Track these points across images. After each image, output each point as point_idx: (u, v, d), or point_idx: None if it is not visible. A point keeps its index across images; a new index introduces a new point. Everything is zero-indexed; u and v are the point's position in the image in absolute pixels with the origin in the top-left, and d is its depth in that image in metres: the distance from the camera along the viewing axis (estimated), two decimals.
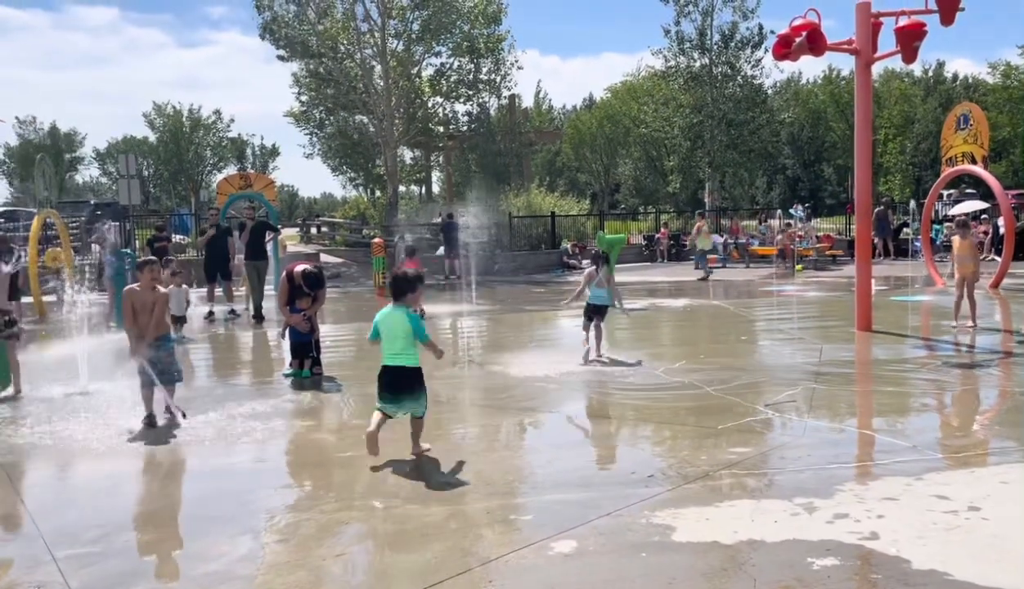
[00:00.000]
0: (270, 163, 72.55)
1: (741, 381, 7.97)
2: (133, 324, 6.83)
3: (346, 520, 4.53)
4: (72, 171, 72.11)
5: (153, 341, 6.82)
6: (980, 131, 17.93)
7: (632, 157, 61.12)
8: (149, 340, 6.82)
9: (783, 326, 12.15)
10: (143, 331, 6.80)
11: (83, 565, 4.03)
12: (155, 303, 6.93)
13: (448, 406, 7.61)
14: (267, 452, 6.16)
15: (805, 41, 9.95)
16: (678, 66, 35.73)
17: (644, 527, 4.29)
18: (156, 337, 6.86)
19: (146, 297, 6.91)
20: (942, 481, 4.87)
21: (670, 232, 28.94)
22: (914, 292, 15.81)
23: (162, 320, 7.02)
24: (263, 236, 14.66)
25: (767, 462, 5.39)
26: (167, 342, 7.01)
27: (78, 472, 5.74)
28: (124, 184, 24.17)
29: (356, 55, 29.45)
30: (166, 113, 65.29)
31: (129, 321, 6.86)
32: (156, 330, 6.89)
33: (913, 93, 57.13)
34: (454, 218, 24.99)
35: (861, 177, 11.06)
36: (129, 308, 6.86)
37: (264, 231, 14.81)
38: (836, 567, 3.75)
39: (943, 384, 7.84)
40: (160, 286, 7.06)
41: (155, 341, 6.84)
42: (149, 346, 6.78)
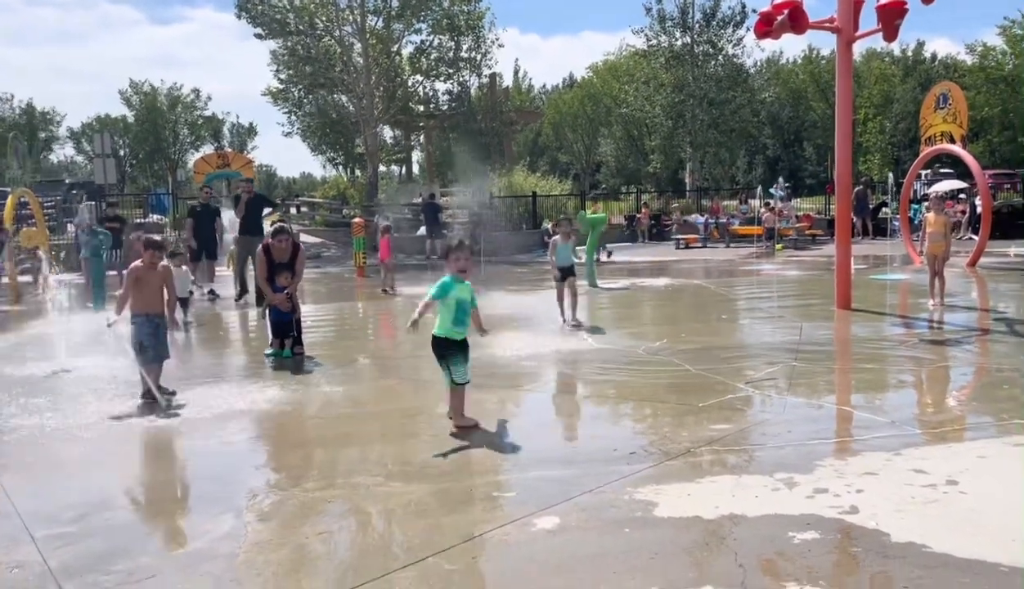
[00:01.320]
0: (248, 142, 71.74)
1: (722, 359, 8.01)
2: (130, 298, 6.78)
3: (328, 499, 4.51)
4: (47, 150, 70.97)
5: (151, 318, 6.80)
6: (959, 111, 18.04)
7: (613, 137, 61.01)
8: (171, 315, 6.95)
9: (763, 305, 12.22)
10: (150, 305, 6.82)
11: (62, 544, 3.99)
12: (163, 281, 6.94)
13: (430, 385, 7.60)
14: (248, 432, 6.13)
15: (787, 19, 9.94)
16: (659, 45, 35.67)
17: (626, 503, 4.31)
18: (157, 314, 6.85)
19: (153, 280, 6.88)
20: (920, 456, 4.93)
21: (651, 212, 28.99)
22: (893, 271, 15.96)
23: (173, 298, 7.09)
24: (260, 211, 14.06)
25: (748, 439, 5.43)
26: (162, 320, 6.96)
27: (57, 451, 5.68)
28: (100, 163, 23.85)
29: (335, 32, 29.11)
30: (143, 91, 64.25)
31: (125, 299, 6.80)
32: (171, 307, 6.96)
33: (893, 73, 57.34)
34: (435, 198, 24.89)
35: (841, 156, 11.10)
36: (133, 283, 6.80)
37: (262, 205, 14.21)
38: (816, 541, 3.79)
39: (921, 361, 7.93)
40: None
41: (153, 317, 6.81)
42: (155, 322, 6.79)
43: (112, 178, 24.34)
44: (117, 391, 7.28)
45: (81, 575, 3.65)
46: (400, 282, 16.46)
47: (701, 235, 25.72)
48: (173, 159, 65.64)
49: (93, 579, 3.61)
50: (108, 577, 3.62)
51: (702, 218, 27.31)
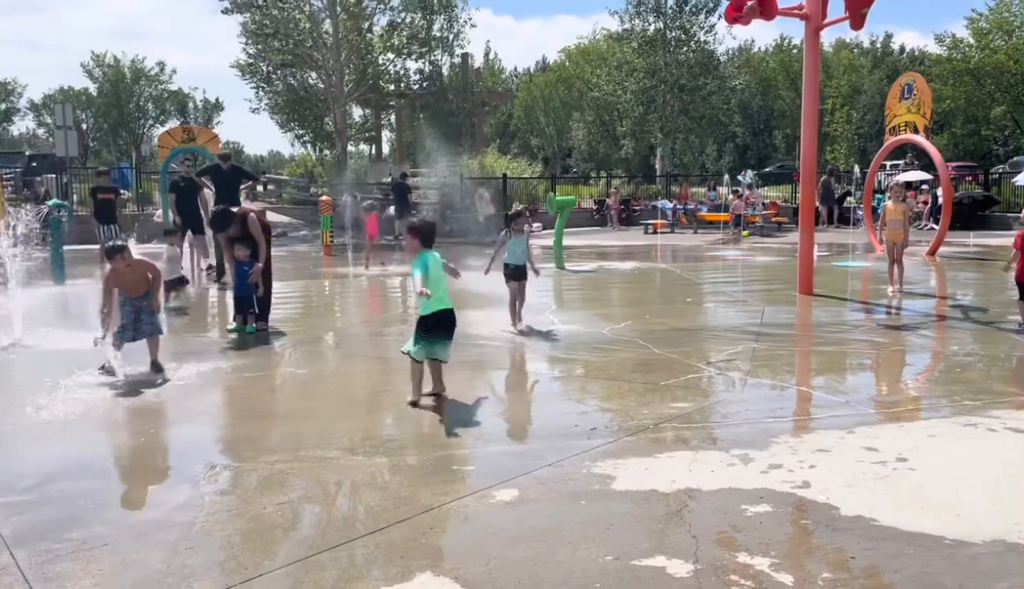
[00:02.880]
0: (214, 118, 70.59)
1: (685, 340, 8.10)
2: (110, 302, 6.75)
3: (289, 471, 4.51)
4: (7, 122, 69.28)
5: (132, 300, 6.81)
6: (923, 101, 18.33)
7: (585, 121, 61.04)
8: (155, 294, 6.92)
9: (728, 289, 12.36)
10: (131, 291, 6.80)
11: (15, 513, 3.95)
12: (151, 280, 6.91)
13: (396, 362, 7.59)
14: (209, 406, 6.09)
15: (756, 5, 10.00)
16: (633, 29, 35.70)
17: (584, 477, 4.36)
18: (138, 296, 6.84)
19: (134, 276, 6.82)
20: (873, 434, 5.05)
21: (621, 196, 29.08)
22: (855, 258, 16.20)
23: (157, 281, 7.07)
24: (238, 184, 13.66)
25: (707, 416, 5.52)
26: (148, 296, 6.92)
27: (13, 422, 5.59)
28: (61, 135, 23.34)
29: (304, 7, 28.69)
30: (106, 63, 62.86)
31: (109, 312, 6.75)
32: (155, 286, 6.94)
33: (861, 64, 58.02)
34: (405, 178, 24.72)
35: (807, 145, 11.23)
36: (112, 289, 6.75)
37: (239, 179, 13.83)
38: (768, 514, 3.87)
39: (878, 345, 8.08)
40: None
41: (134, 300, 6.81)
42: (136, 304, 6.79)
43: (74, 151, 23.85)
44: (75, 364, 7.17)
45: (34, 543, 3.62)
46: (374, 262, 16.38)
47: (669, 221, 25.87)
48: (137, 133, 64.45)
49: (46, 547, 3.58)
50: (61, 545, 3.59)
51: (671, 204, 27.47)
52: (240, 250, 8.56)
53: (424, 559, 3.47)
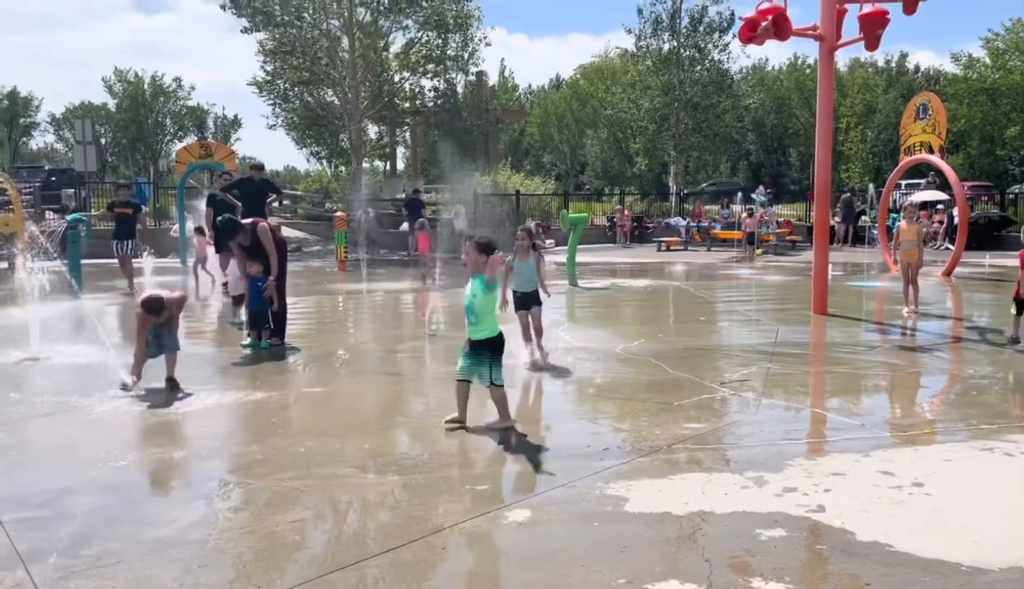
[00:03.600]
0: (232, 134, 71.18)
1: (699, 360, 8.07)
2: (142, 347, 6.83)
3: (302, 488, 4.52)
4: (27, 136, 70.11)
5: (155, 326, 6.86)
6: (938, 121, 18.24)
7: (599, 138, 61.16)
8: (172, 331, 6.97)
9: (741, 308, 12.32)
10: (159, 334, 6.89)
11: (31, 528, 3.97)
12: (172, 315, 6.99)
13: (409, 379, 7.62)
14: (224, 421, 6.11)
15: (771, 25, 10.02)
16: (648, 47, 35.83)
17: (597, 498, 4.35)
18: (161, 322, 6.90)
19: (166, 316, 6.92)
20: (888, 458, 5.00)
21: (634, 213, 29.10)
22: (870, 278, 16.12)
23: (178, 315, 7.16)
24: (265, 197, 13.26)
25: (720, 438, 5.49)
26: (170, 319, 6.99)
27: (29, 436, 5.64)
28: (80, 150, 23.63)
29: (322, 25, 28.97)
30: (126, 79, 63.60)
31: (141, 356, 6.82)
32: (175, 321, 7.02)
33: (876, 83, 57.90)
34: (419, 194, 24.85)
35: (821, 163, 11.21)
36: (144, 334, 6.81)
37: (267, 192, 13.42)
38: (783, 538, 3.84)
39: (894, 366, 8.02)
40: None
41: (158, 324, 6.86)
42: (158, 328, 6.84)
43: (92, 166, 24.15)
44: (90, 379, 7.23)
45: (48, 558, 3.64)
46: (381, 277, 16.47)
47: (682, 238, 25.86)
48: (155, 148, 65.04)
49: (61, 563, 3.59)
50: (76, 561, 3.61)
51: (684, 221, 27.46)
52: (253, 266, 8.59)
53: (436, 580, 3.47)
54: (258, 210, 12.61)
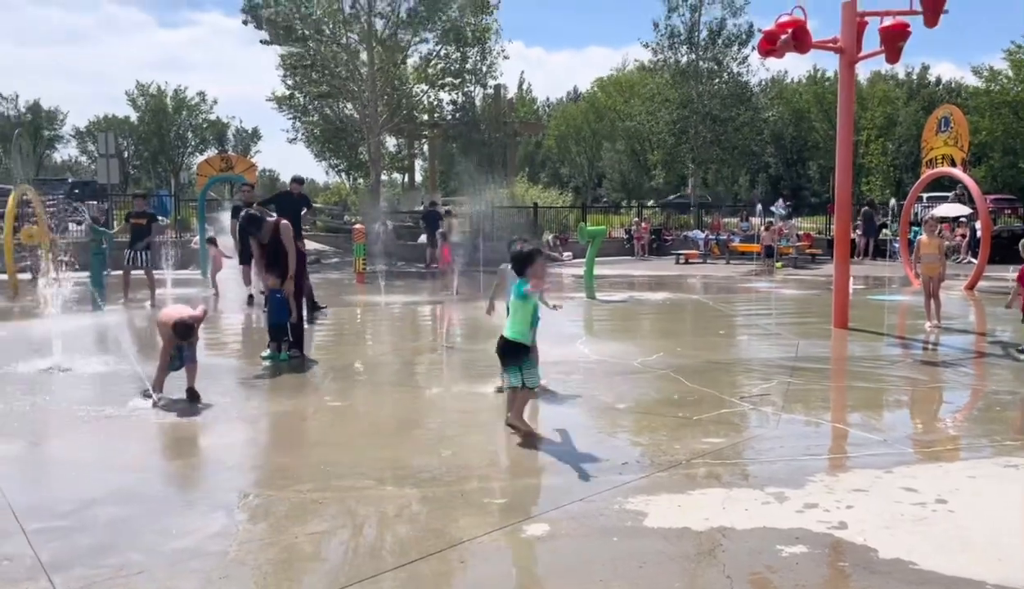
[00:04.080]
0: (252, 146, 71.87)
1: (718, 373, 8.03)
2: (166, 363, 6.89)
3: (320, 500, 4.53)
4: (50, 149, 71.11)
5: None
6: (960, 134, 18.15)
7: (616, 151, 61.21)
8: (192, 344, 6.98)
9: (761, 321, 12.25)
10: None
11: (53, 538, 4.01)
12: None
13: (427, 391, 7.63)
14: (243, 433, 6.14)
15: (790, 38, 10.01)
16: (666, 60, 35.84)
17: (616, 513, 4.33)
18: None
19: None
20: (911, 474, 4.95)
21: (652, 226, 29.04)
22: (891, 292, 15.99)
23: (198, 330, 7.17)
24: (299, 212, 13.13)
25: (740, 453, 5.45)
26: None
27: (51, 447, 5.70)
28: (103, 163, 23.93)
29: (341, 39, 29.23)
30: (149, 93, 64.46)
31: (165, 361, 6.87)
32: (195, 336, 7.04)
33: (896, 95, 57.61)
34: (436, 206, 24.95)
35: (841, 176, 11.15)
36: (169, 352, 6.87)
37: (302, 205, 13.36)
38: (804, 555, 3.80)
39: (916, 381, 7.94)
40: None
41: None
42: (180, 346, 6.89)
43: (115, 178, 24.44)
44: (111, 389, 7.30)
45: (71, 568, 3.67)
46: (399, 289, 16.53)
47: (701, 251, 25.78)
48: (177, 161, 65.78)
49: (83, 573, 3.62)
50: (97, 571, 3.63)
51: (702, 234, 27.38)
52: (271, 278, 8.63)
53: None
54: (295, 224, 12.72)
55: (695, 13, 34.69)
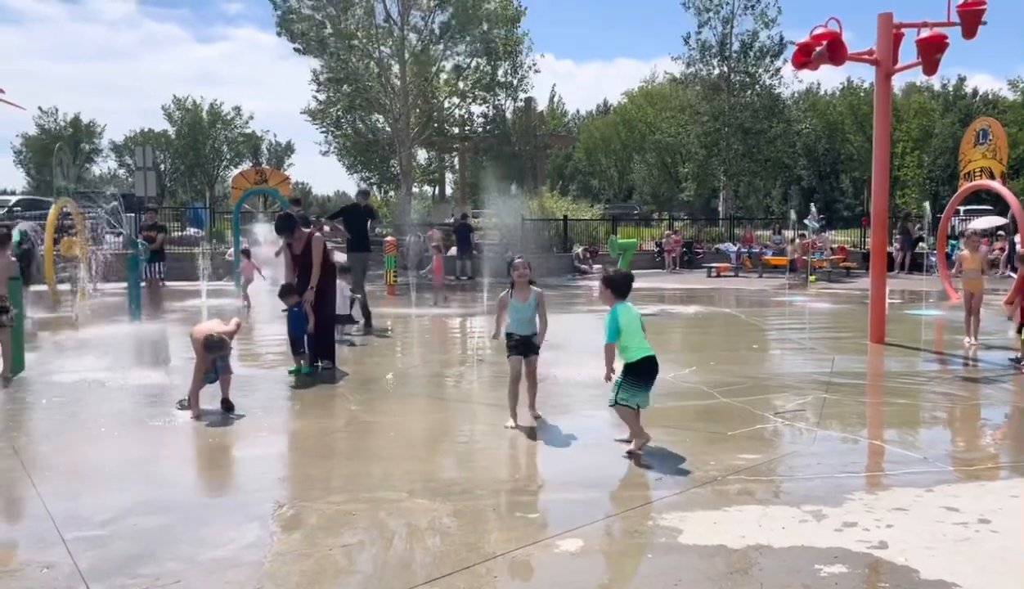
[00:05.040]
0: (285, 160, 72.77)
1: (752, 388, 7.93)
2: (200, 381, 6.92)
3: (353, 512, 4.54)
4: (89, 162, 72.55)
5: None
6: (999, 146, 17.84)
7: (647, 163, 61.03)
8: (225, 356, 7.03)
9: (795, 336, 12.10)
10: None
11: (92, 547, 4.06)
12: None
13: (457, 404, 7.63)
14: (276, 444, 6.19)
15: (825, 50, 9.90)
16: (697, 73, 35.73)
17: (651, 528, 4.28)
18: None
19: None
20: (952, 493, 4.84)
21: (683, 239, 28.87)
22: (928, 306, 15.72)
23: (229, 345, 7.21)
24: (366, 223, 13.06)
25: (776, 469, 5.37)
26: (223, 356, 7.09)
27: (90, 456, 5.78)
28: (140, 176, 24.35)
29: (374, 53, 29.54)
30: (185, 107, 65.62)
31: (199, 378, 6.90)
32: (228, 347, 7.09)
33: (932, 107, 56.82)
34: (468, 219, 25.04)
35: (878, 189, 11.01)
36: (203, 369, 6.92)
37: (368, 217, 13.24)
38: (844, 575, 3.73)
39: (955, 398, 7.79)
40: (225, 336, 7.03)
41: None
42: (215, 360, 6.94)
43: (152, 191, 24.82)
44: (147, 400, 7.41)
45: (109, 577, 3.71)
46: (429, 302, 16.58)
47: (733, 264, 25.57)
48: (211, 174, 66.78)
49: (120, 582, 3.66)
50: (134, 581, 3.67)
51: (734, 247, 27.17)
52: (291, 298, 8.62)
53: None
54: (364, 238, 12.76)
55: (727, 25, 34.58)
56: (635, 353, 5.73)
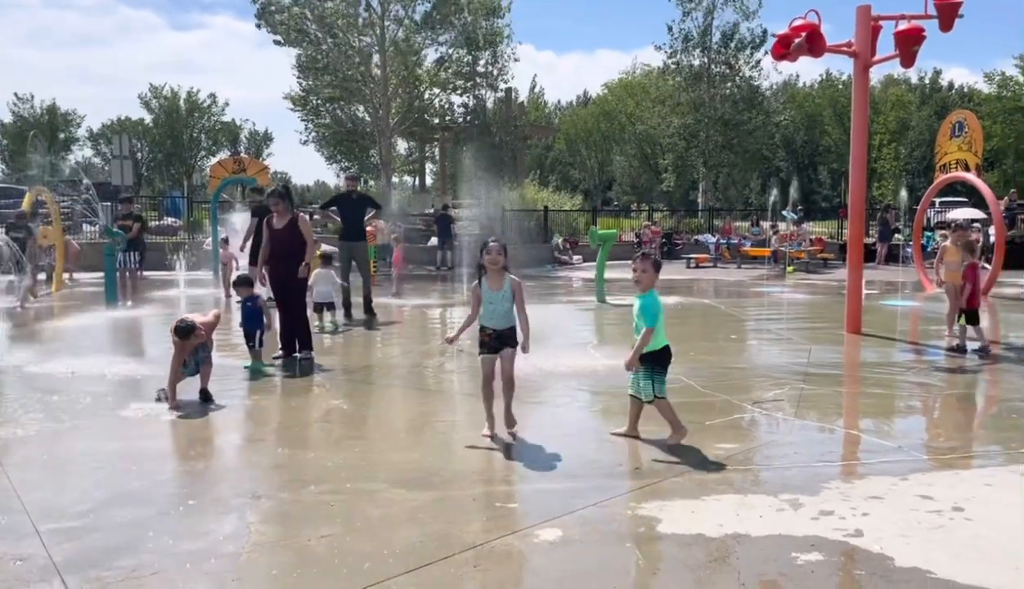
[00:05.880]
0: (264, 149, 72.15)
1: (729, 379, 7.99)
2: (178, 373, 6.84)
3: (333, 503, 4.52)
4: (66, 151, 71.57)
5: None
6: (974, 139, 18.02)
7: (627, 154, 61.13)
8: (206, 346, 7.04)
9: (772, 326, 12.19)
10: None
11: (67, 539, 4.01)
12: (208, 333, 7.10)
13: (438, 394, 7.62)
14: (255, 434, 6.16)
15: (804, 42, 9.95)
16: (678, 64, 35.77)
17: (629, 518, 4.30)
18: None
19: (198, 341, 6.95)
20: (927, 482, 4.90)
21: (663, 230, 28.96)
22: (904, 297, 15.89)
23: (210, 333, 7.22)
24: (363, 214, 12.45)
25: (754, 458, 5.41)
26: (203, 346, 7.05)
27: (64, 447, 5.71)
28: (117, 164, 24.05)
29: (354, 42, 29.33)
30: (163, 95, 64.84)
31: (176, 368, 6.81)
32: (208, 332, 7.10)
33: (909, 100, 57.35)
34: (448, 209, 24.98)
35: (855, 181, 11.09)
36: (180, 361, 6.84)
37: (365, 207, 12.58)
38: (820, 562, 3.77)
39: (930, 387, 7.88)
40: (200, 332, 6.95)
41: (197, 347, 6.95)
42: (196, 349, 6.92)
43: (129, 180, 24.51)
44: (125, 390, 7.33)
45: (84, 570, 3.67)
46: (410, 292, 16.54)
47: (712, 255, 25.70)
48: (189, 163, 66.11)
49: (96, 574, 3.62)
50: (110, 572, 3.63)
51: (713, 238, 27.31)
52: (244, 290, 8.49)
53: None
54: (359, 228, 12.33)
55: (708, 17, 34.64)
56: (662, 339, 5.80)
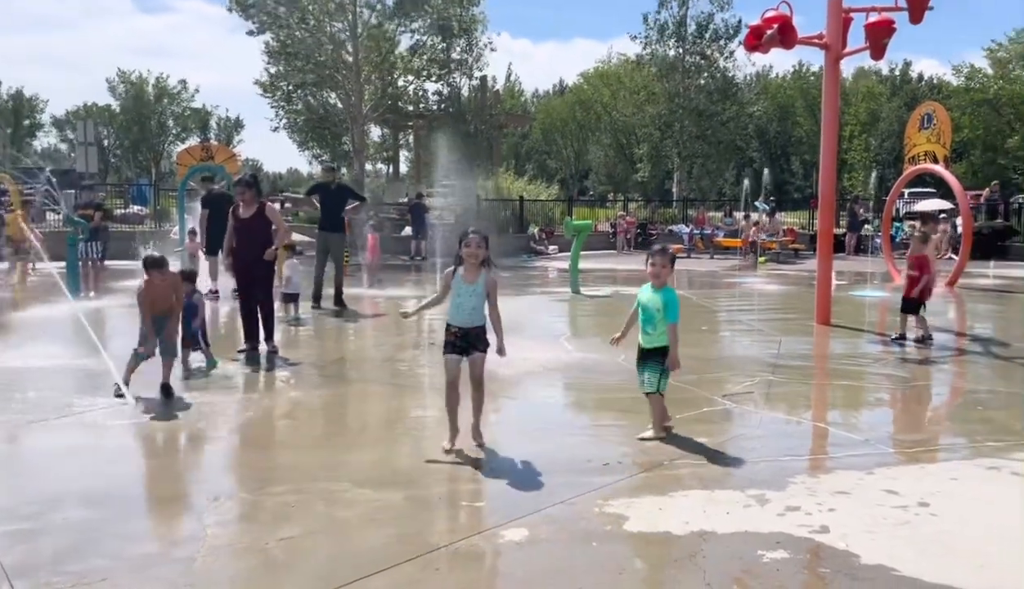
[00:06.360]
0: (235, 136, 71.25)
1: (700, 371, 7.97)
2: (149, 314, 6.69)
3: (294, 503, 4.42)
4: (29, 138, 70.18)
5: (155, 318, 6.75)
6: (943, 131, 18.18)
7: (602, 144, 61.16)
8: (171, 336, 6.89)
9: (744, 317, 12.22)
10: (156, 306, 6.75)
11: (17, 542, 3.89)
12: (171, 289, 6.90)
13: (408, 390, 7.52)
14: (216, 433, 6.01)
15: (776, 33, 9.95)
16: (654, 53, 35.80)
17: (597, 516, 4.25)
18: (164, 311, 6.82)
19: (164, 290, 6.80)
20: (893, 476, 4.91)
21: (638, 220, 28.99)
22: (873, 287, 16.02)
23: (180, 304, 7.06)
24: (343, 204, 12.11)
25: (723, 453, 5.39)
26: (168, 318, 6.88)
27: (16, 445, 5.55)
28: (82, 151, 23.60)
29: (327, 28, 28.96)
30: (130, 80, 63.70)
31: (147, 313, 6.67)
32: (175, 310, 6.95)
33: (880, 92, 57.88)
34: (422, 198, 24.78)
35: (826, 172, 11.13)
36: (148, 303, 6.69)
37: (345, 198, 12.23)
38: (785, 560, 3.75)
39: (898, 380, 7.93)
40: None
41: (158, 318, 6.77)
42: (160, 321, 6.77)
43: (94, 167, 24.08)
44: (82, 385, 7.15)
45: (33, 574, 3.55)
46: (383, 283, 16.40)
47: (686, 245, 25.78)
48: (158, 150, 65.13)
49: (45, 579, 3.51)
50: (60, 578, 3.51)
51: (687, 228, 27.39)
52: (187, 286, 8.25)
53: None
54: (337, 218, 12.11)
55: (683, 7, 34.65)
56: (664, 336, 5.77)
